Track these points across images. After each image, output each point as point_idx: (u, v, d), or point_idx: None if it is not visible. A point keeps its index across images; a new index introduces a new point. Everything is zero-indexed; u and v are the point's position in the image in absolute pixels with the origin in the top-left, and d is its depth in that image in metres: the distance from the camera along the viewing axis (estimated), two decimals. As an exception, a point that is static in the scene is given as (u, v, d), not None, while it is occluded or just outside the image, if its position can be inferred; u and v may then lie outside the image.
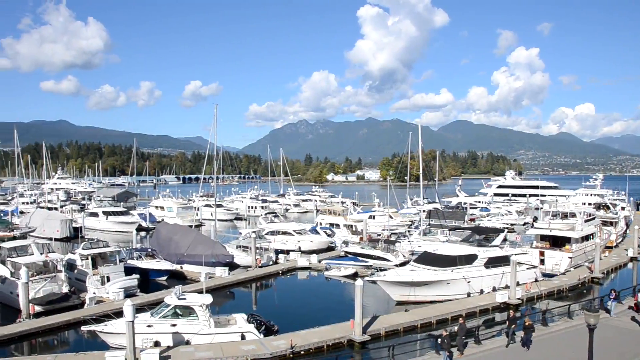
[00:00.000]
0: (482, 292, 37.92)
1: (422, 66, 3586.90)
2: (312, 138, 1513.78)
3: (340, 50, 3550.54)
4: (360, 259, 49.54)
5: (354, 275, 44.86)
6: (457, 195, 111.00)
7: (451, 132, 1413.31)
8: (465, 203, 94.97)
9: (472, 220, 74.53)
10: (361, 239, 60.62)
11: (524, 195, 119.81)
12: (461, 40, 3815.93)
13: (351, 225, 67.46)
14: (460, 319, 26.95)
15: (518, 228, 75.38)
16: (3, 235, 63.00)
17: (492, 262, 39.27)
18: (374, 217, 75.24)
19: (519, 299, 36.32)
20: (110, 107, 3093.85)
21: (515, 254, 39.54)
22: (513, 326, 26.70)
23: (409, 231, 60.77)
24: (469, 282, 37.55)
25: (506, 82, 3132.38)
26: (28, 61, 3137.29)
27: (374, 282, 37.60)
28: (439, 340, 24.81)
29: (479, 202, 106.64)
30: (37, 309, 33.86)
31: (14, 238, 56.28)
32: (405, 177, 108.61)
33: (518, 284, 37.50)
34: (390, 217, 75.03)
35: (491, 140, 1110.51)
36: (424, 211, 64.85)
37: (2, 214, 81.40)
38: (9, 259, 38.24)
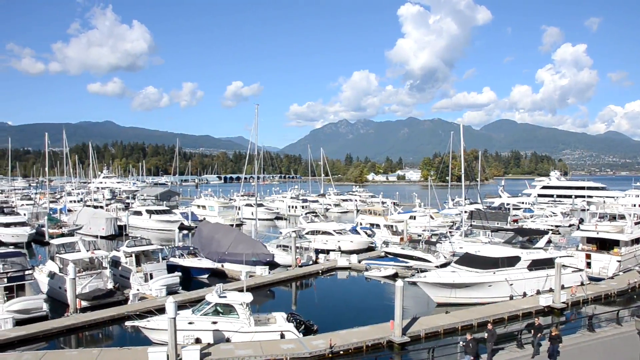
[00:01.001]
0: (525, 295, 37.11)
1: (464, 65, 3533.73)
2: (352, 138, 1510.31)
3: (381, 50, 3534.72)
4: (401, 259, 49.23)
5: (394, 276, 44.62)
6: (500, 196, 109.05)
7: (494, 131, 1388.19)
8: (508, 204, 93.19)
9: (515, 221, 73.14)
10: (401, 239, 60.17)
11: (570, 197, 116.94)
12: (504, 38, 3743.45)
13: (391, 226, 67.03)
14: (489, 324, 26.31)
15: (563, 230, 73.57)
16: (52, 233, 65.23)
17: (536, 265, 38.40)
18: (414, 218, 74.64)
19: (563, 302, 35.36)
20: (153, 108, 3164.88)
21: (560, 257, 38.63)
22: (539, 335, 25.48)
23: (450, 232, 60.06)
24: (511, 284, 36.84)
25: (551, 79, 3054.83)
26: (76, 64, 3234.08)
27: (414, 283, 37.32)
28: (462, 343, 24.37)
29: (523, 203, 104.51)
30: (84, 304, 34.86)
31: (62, 235, 58.21)
32: (447, 177, 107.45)
33: (563, 287, 36.51)
34: (431, 217, 74.33)
35: (535, 140, 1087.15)
36: (465, 212, 64.00)
37: (51, 212, 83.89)
38: (57, 255, 39.58)
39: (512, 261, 37.88)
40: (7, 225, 67.58)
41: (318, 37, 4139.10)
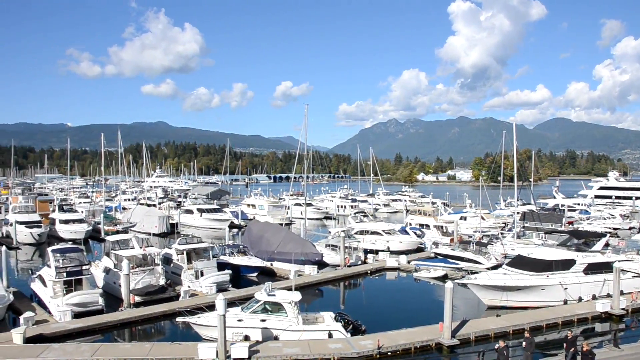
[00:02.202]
0: (580, 300, 35.91)
1: (516, 62, 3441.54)
2: (402, 137, 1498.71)
3: (431, 48, 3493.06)
4: (451, 261, 48.49)
5: (444, 278, 44.01)
6: (554, 197, 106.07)
7: (548, 130, 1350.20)
8: (562, 205, 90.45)
9: (570, 223, 70.96)
10: (452, 240, 59.32)
11: (630, 198, 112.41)
12: (560, 33, 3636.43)
13: (441, 226, 66.17)
14: (527, 332, 25.50)
15: (622, 233, 70.80)
16: (108, 230, 67.31)
17: (592, 269, 37.07)
18: (465, 218, 73.45)
19: (623, 309, 33.82)
20: (204, 109, 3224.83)
21: (619, 261, 37.16)
22: (572, 350, 23.93)
23: (501, 233, 58.83)
24: (565, 288, 35.73)
25: (610, 75, 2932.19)
26: (130, 67, 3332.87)
27: (464, 285, 36.69)
28: (496, 347, 23.71)
29: (578, 204, 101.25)
30: (137, 299, 35.85)
31: (117, 232, 59.94)
32: (499, 178, 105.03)
33: (622, 293, 34.99)
34: (483, 218, 72.96)
35: (592, 139, 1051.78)
36: (518, 213, 62.58)
37: (107, 210, 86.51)
38: (112, 251, 40.76)
39: (566, 264, 36.74)
40: (67, 222, 70.26)
41: (368, 36, 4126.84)
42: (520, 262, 37.47)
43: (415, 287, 45.02)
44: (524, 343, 24.44)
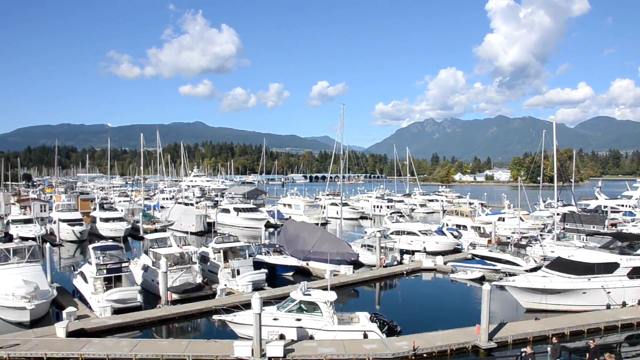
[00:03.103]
0: (624, 304, 34.80)
1: (557, 59, 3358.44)
2: (438, 137, 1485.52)
3: (468, 46, 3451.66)
4: (488, 262, 47.74)
5: (481, 279, 43.42)
6: (597, 198, 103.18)
7: (590, 129, 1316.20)
8: (605, 206, 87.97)
9: (614, 225, 68.97)
10: (489, 241, 58.40)
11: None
12: (604, 29, 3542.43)
13: (479, 227, 65.25)
14: (554, 338, 24.77)
15: (668, 235, 68.51)
16: (146, 228, 68.55)
17: (637, 272, 35.94)
18: (503, 219, 72.18)
19: (670, 314, 32.81)
20: (241, 109, 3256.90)
21: (666, 264, 35.95)
22: None
23: (541, 235, 57.55)
24: (608, 292, 34.69)
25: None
26: (169, 68, 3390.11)
27: (502, 287, 36.10)
28: (522, 353, 23.09)
29: (622, 205, 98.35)
30: (174, 296, 36.37)
31: (156, 231, 61.01)
32: (538, 178, 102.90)
33: (669, 297, 33.99)
34: (521, 219, 71.44)
35: (637, 138, 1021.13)
36: (558, 214, 61.14)
37: (145, 209, 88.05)
38: (151, 249, 41.53)
39: (609, 267, 35.68)
40: (107, 220, 71.87)
41: (404, 35, 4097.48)
42: (561, 265, 36.60)
43: (451, 288, 44.50)
44: (549, 349, 23.89)
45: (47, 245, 43.17)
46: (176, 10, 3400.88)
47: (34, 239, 49.92)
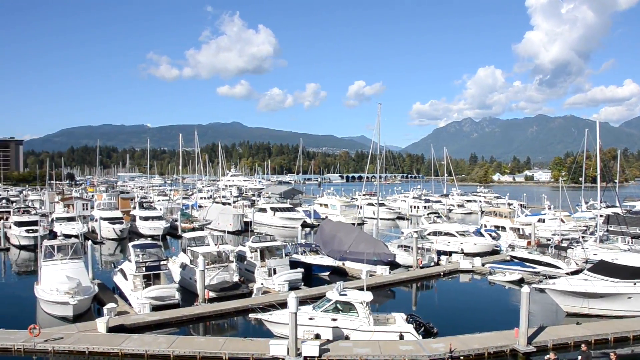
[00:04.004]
0: (671, 310, 33.67)
1: (601, 56, 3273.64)
2: (477, 137, 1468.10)
3: (507, 44, 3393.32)
4: (528, 264, 46.85)
5: (520, 282, 42.56)
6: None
7: (636, 128, 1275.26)
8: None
9: (660, 227, 66.83)
10: (529, 243, 57.26)
11: None
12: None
13: (518, 229, 64.05)
14: (583, 345, 23.95)
15: None
16: (184, 227, 69.42)
17: (685, 277, 34.68)
18: (543, 221, 70.75)
19: None
20: (278, 109, 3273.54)
21: None
22: None
23: (583, 237, 56.19)
24: (654, 297, 33.56)
25: None
26: (206, 69, 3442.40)
27: (541, 290, 35.30)
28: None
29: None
30: (211, 294, 36.70)
31: (193, 229, 61.82)
32: (580, 178, 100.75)
33: None
34: (562, 221, 69.88)
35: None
36: (601, 216, 59.60)
37: (184, 208, 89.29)
38: (188, 248, 42.10)
39: (656, 271, 34.52)
40: (146, 219, 73.21)
41: (442, 33, 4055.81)
42: (604, 268, 35.55)
43: (489, 290, 43.79)
44: (579, 357, 23.24)
45: (89, 242, 44.35)
46: (214, 12, 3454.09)
47: (76, 236, 51.04)
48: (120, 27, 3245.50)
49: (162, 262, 37.85)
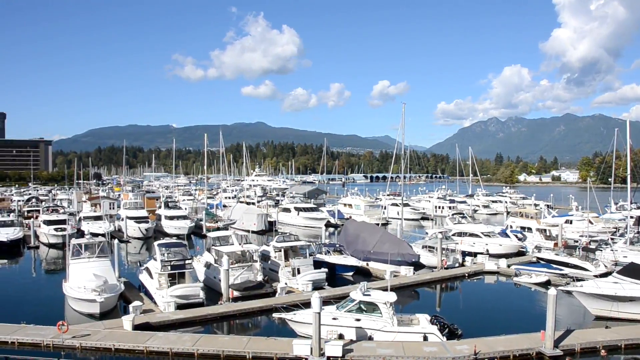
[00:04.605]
0: None
1: (632, 53, 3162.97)
2: (502, 136, 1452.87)
3: (534, 42, 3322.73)
4: (554, 266, 46.12)
5: (546, 284, 41.94)
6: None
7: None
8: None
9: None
10: (556, 244, 56.47)
11: None
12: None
13: (545, 230, 63.12)
14: (603, 351, 23.36)
15: None
16: (209, 226, 69.97)
17: None
18: (571, 222, 69.67)
19: None
20: (302, 109, 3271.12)
21: None
22: None
23: (612, 239, 55.13)
24: (687, 301, 32.72)
25: None
26: (231, 69, 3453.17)
27: (569, 292, 34.75)
28: None
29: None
30: (235, 293, 36.87)
31: (218, 229, 62.26)
32: (609, 179, 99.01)
33: None
34: (590, 222, 68.78)
35: None
36: (631, 217, 58.45)
37: (208, 207, 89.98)
38: (213, 247, 42.35)
39: (688, 274, 33.68)
40: (171, 218, 73.96)
41: (467, 32, 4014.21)
42: (635, 271, 34.76)
43: (515, 292, 43.24)
44: None
45: (115, 241, 44.90)
46: (238, 13, 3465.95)
47: (103, 235, 51.85)
48: (147, 29, 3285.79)
49: (187, 261, 38.17)
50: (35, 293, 42.68)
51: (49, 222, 65.47)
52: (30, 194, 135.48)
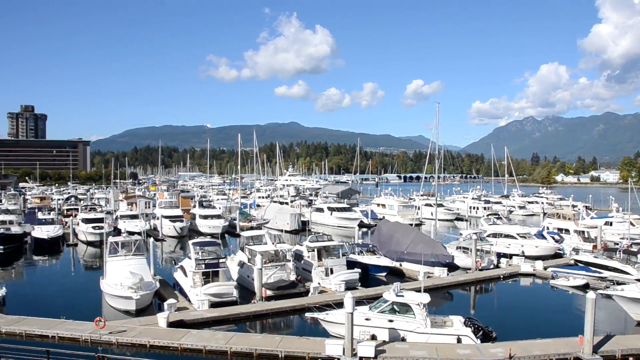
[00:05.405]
0: None
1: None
2: (539, 136, 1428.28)
3: (573, 39, 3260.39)
4: (593, 269, 45.01)
5: (585, 287, 41.00)
6: None
7: None
8: None
9: None
10: (595, 247, 55.15)
11: None
12: None
13: (583, 232, 61.75)
14: (631, 358, 22.50)
15: None
16: (242, 226, 70.56)
17: None
18: (610, 224, 67.93)
19: None
20: (335, 109, 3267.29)
21: None
22: None
23: (655, 242, 53.62)
24: None
25: None
26: (264, 70, 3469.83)
27: (608, 296, 33.86)
28: None
29: None
30: (269, 292, 37.10)
31: (251, 228, 62.75)
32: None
33: None
34: (632, 224, 66.82)
35: None
36: (674, 219, 56.73)
37: (242, 207, 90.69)
38: (246, 246, 42.68)
39: None
40: (206, 217, 74.79)
41: (502, 31, 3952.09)
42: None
43: (551, 295, 42.38)
44: None
45: (151, 239, 45.56)
46: (271, 14, 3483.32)
47: (139, 233, 52.79)
48: (181, 31, 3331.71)
49: (220, 260, 38.52)
50: (74, 289, 43.75)
51: (87, 221, 66.96)
52: (69, 193, 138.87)
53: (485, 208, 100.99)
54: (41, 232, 63.71)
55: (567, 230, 63.03)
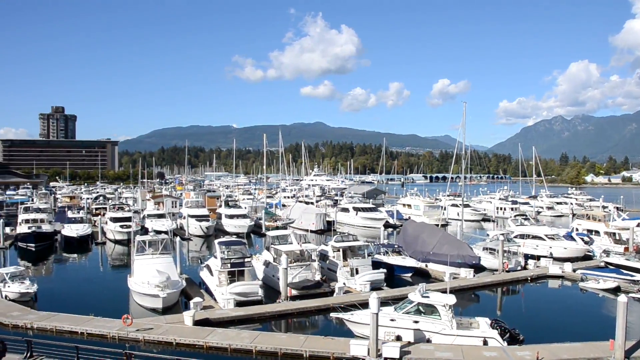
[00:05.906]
0: None
1: None
2: (568, 135, 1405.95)
3: (604, 36, 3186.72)
4: (624, 271, 44.14)
5: (615, 290, 40.15)
6: None
7: None
8: None
9: None
10: (626, 249, 53.99)
11: None
12: None
13: (614, 233, 60.48)
14: None
15: None
16: (268, 225, 70.88)
17: None
18: (643, 225, 66.51)
19: None
20: (361, 109, 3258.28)
21: None
22: None
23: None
24: None
25: None
26: (290, 70, 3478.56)
27: (640, 299, 33.21)
28: None
29: None
30: (294, 292, 37.21)
31: (277, 228, 62.90)
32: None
33: None
34: (664, 226, 65.51)
35: None
36: None
37: (268, 206, 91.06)
38: (272, 246, 42.84)
39: None
40: (231, 217, 75.32)
41: (530, 29, 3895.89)
42: None
43: (581, 298, 41.63)
44: None
45: (177, 238, 45.98)
46: (297, 14, 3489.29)
47: (166, 232, 53.39)
48: (207, 32, 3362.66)
49: (246, 259, 38.72)
50: (102, 287, 44.51)
51: (115, 220, 67.98)
52: (98, 192, 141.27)
53: (512, 209, 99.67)
54: (71, 230, 64.94)
55: (597, 232, 61.83)
